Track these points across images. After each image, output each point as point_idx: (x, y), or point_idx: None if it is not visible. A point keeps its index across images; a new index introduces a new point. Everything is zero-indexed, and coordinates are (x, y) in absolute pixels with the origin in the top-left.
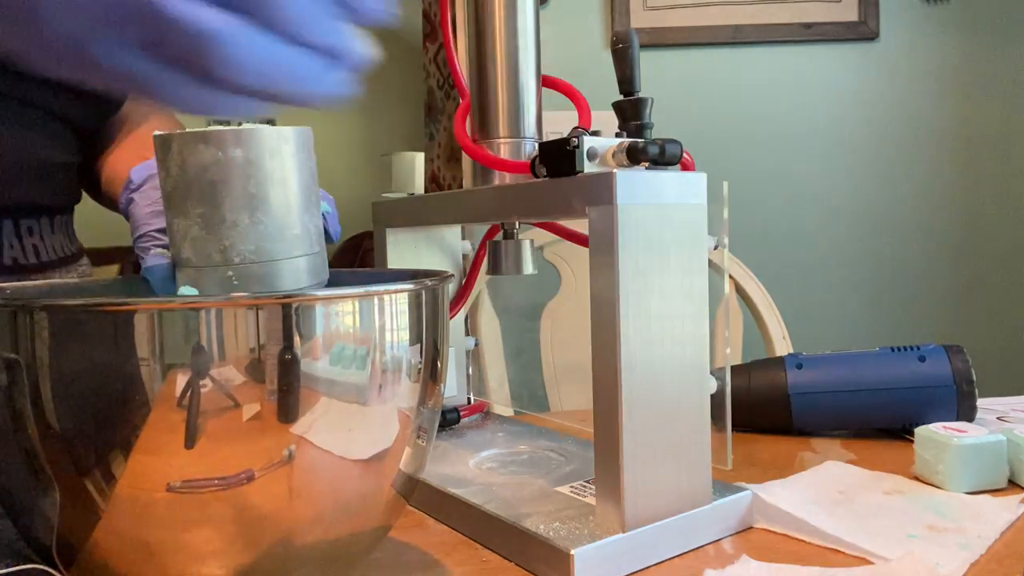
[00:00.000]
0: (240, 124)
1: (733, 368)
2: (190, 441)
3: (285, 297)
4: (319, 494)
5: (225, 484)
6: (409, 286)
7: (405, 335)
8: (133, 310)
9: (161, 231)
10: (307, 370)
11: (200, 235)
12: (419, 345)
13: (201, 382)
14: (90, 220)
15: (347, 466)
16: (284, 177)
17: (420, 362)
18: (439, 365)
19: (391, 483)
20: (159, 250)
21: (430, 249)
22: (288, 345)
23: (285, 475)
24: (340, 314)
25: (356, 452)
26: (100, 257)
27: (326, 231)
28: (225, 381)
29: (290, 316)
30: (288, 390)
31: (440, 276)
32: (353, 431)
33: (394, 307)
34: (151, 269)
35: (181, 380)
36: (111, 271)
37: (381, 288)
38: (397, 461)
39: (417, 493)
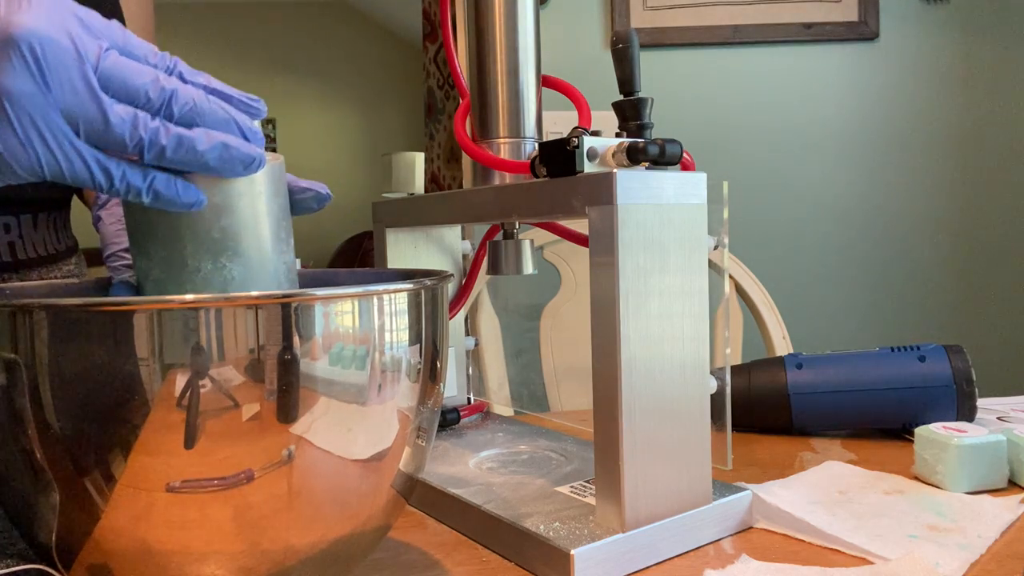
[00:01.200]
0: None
1: (733, 368)
2: (190, 441)
3: (285, 297)
4: (319, 494)
5: (225, 484)
6: (409, 286)
7: (405, 335)
8: (133, 310)
9: (128, 250)
10: (306, 370)
11: (161, 277)
12: (419, 345)
13: (201, 382)
14: (81, 219)
15: (347, 466)
16: (255, 219)
17: (420, 362)
18: (439, 365)
19: (391, 483)
20: (123, 270)
21: (430, 249)
22: (288, 345)
23: (285, 475)
24: (340, 314)
25: (356, 452)
26: (96, 258)
27: (315, 203)
28: (225, 381)
29: (289, 316)
30: (287, 390)
31: (440, 276)
32: (353, 431)
33: (394, 307)
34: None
35: (181, 380)
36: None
37: (381, 288)
38: (397, 461)
39: (417, 493)
